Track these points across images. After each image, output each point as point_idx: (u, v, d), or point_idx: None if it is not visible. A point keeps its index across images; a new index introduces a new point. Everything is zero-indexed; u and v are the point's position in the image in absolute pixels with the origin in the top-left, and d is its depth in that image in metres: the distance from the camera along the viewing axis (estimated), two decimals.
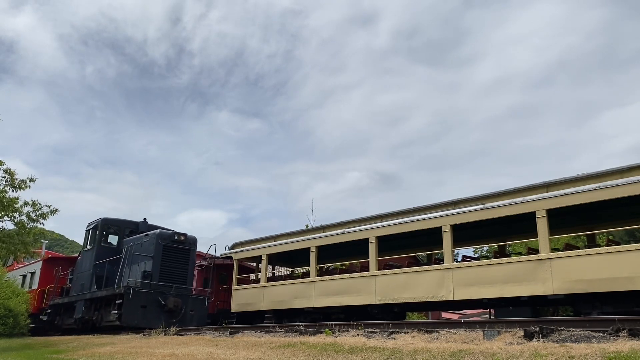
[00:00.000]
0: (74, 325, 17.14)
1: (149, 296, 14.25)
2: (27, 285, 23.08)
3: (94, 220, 17.98)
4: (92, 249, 17.37)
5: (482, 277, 11.68)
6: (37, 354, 11.79)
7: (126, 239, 16.93)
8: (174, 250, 15.32)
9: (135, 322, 13.85)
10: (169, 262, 15.11)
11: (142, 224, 17.76)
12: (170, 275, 14.99)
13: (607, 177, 11.10)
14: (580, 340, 4.26)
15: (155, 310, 14.20)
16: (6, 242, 17.21)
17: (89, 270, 17.00)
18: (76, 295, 17.39)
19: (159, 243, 15.06)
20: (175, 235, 15.44)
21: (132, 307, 13.88)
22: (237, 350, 6.76)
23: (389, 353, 4.89)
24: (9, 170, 16.53)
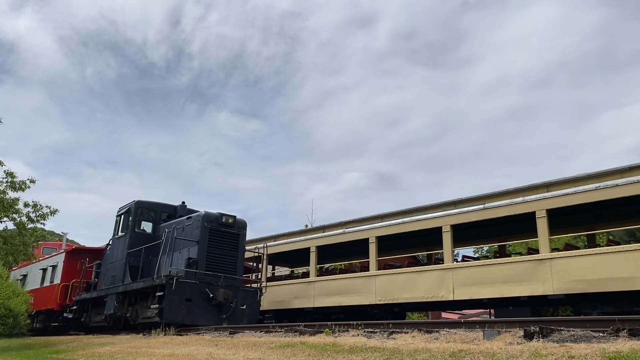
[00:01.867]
0: (104, 322, 15.25)
1: (194, 287, 12.09)
2: (47, 279, 21.14)
3: (126, 203, 15.81)
4: (124, 236, 15.22)
5: (482, 277, 11.69)
6: (37, 354, 11.79)
7: (163, 225, 14.84)
8: (221, 234, 13.08)
9: (179, 318, 11.79)
10: (217, 248, 12.90)
11: (180, 207, 15.61)
12: (217, 263, 12.78)
13: (607, 177, 11.13)
14: (580, 340, 4.26)
15: (202, 304, 12.15)
16: (7, 243, 17.23)
17: (121, 259, 14.88)
18: (106, 289, 15.21)
19: (204, 226, 12.84)
20: (223, 217, 13.13)
21: (175, 300, 11.74)
22: (237, 350, 6.76)
23: (389, 353, 4.89)
24: (9, 172, 16.56)
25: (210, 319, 11.99)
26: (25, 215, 17.10)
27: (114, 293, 14.32)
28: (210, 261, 12.67)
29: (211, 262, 12.67)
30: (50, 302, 19.40)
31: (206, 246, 12.72)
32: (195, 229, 12.91)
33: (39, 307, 20.63)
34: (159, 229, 14.85)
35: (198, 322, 11.89)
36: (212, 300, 12.14)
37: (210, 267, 12.58)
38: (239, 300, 12.69)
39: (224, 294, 12.29)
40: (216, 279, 12.46)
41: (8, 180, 16.51)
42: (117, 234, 15.94)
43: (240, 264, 13.22)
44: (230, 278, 12.82)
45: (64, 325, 18.95)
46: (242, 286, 13.22)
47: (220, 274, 12.60)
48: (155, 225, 15.16)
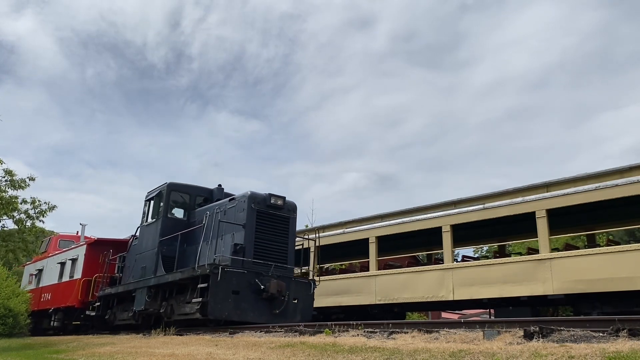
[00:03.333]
0: (132, 320, 13.59)
1: (242, 278, 10.46)
2: (66, 274, 19.26)
3: (156, 187, 14.08)
4: (155, 222, 13.49)
5: (482, 277, 11.69)
6: (37, 354, 11.79)
7: (199, 210, 13.25)
8: (270, 217, 11.41)
9: (226, 313, 10.20)
10: (265, 233, 11.24)
11: (216, 190, 13.91)
12: (266, 250, 11.14)
13: (607, 177, 11.12)
14: (580, 340, 4.26)
15: (251, 297, 10.53)
16: (6, 240, 17.28)
17: (152, 249, 13.18)
18: (135, 282, 13.49)
19: (251, 208, 11.12)
20: (272, 198, 11.44)
21: (221, 293, 10.15)
22: (237, 350, 6.76)
23: (389, 353, 4.89)
24: (9, 170, 16.60)
25: (261, 315, 10.52)
26: (24, 213, 17.15)
27: (145, 287, 12.64)
28: (259, 248, 11.01)
29: (260, 249, 11.00)
30: (70, 298, 17.77)
31: (254, 231, 11.00)
32: (240, 212, 11.21)
33: (57, 305, 19.05)
34: (194, 215, 13.22)
35: (247, 318, 10.37)
36: (262, 293, 10.53)
37: (259, 254, 10.96)
38: (291, 294, 11.08)
39: (277, 285, 10.60)
40: (266, 268, 10.84)
41: (7, 178, 16.55)
42: (146, 221, 14.21)
43: (291, 251, 11.50)
44: (281, 267, 11.15)
45: (86, 323, 17.31)
46: (295, 277, 11.61)
47: (271, 263, 10.98)
48: (190, 211, 13.48)
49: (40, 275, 22.22)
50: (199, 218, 12.61)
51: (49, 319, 19.59)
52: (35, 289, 22.13)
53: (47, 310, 19.74)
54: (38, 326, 21.33)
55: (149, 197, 14.24)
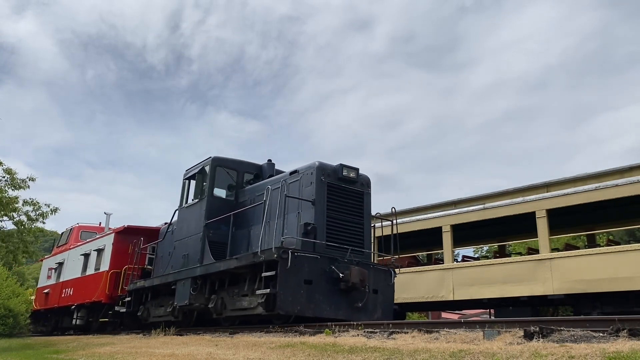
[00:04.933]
0: (171, 316, 11.84)
1: (315, 264, 8.62)
2: (91, 266, 17.32)
3: (197, 163, 12.17)
4: (198, 203, 11.57)
5: (482, 277, 11.70)
6: (36, 354, 11.80)
7: (249, 188, 11.44)
8: (342, 192, 9.58)
9: (298, 308, 8.34)
10: (338, 210, 9.39)
11: (266, 166, 12.07)
12: (340, 231, 9.32)
13: (607, 177, 11.13)
14: (580, 340, 4.26)
15: (326, 288, 8.74)
16: (6, 241, 17.30)
17: (196, 234, 11.34)
18: (175, 273, 11.63)
19: (321, 181, 9.31)
20: (344, 170, 9.61)
21: (292, 282, 8.33)
22: (237, 350, 6.76)
23: (389, 353, 4.89)
24: (9, 170, 16.61)
25: (338, 309, 8.74)
26: (24, 214, 17.18)
27: (189, 278, 10.81)
28: (332, 228, 9.21)
29: (333, 230, 9.21)
30: (96, 293, 15.95)
31: (325, 208, 9.21)
32: (308, 186, 9.42)
33: (80, 300, 17.12)
34: (243, 193, 11.47)
35: (322, 313, 8.50)
36: (339, 283, 8.76)
37: (332, 236, 9.14)
38: (370, 284, 9.22)
39: (360, 273, 8.78)
40: (341, 253, 9.08)
41: (7, 178, 16.57)
42: (185, 203, 12.33)
43: (367, 233, 9.76)
44: (358, 252, 9.38)
45: (114, 320, 15.51)
46: (373, 264, 9.84)
47: (347, 247, 9.18)
48: (238, 189, 11.69)
49: (60, 269, 20.35)
50: (250, 197, 11.00)
51: (71, 316, 17.88)
52: (55, 284, 20.35)
53: (69, 307, 17.91)
54: (59, 324, 19.85)
55: (188, 175, 12.34)
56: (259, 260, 8.75)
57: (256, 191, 10.87)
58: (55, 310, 19.66)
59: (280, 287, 8.26)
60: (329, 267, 8.76)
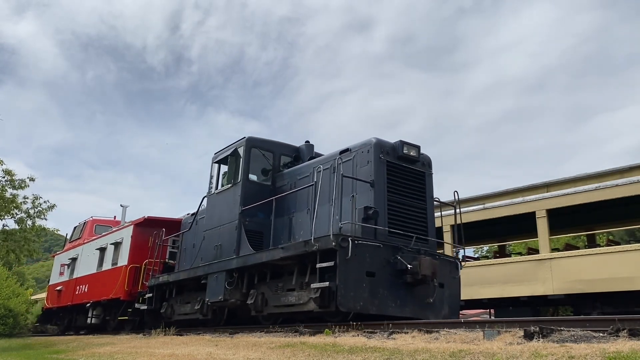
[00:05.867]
0: (199, 314, 10.80)
1: (377, 254, 7.53)
2: (107, 261, 16.29)
3: (229, 145, 11.05)
4: (232, 188, 10.45)
5: (482, 277, 11.70)
6: (37, 354, 11.80)
7: (288, 171, 10.39)
8: (403, 172, 8.46)
9: (360, 304, 7.23)
10: (399, 193, 8.30)
11: (305, 148, 11.01)
12: (402, 217, 8.21)
13: (607, 177, 11.15)
14: (580, 340, 4.26)
15: (389, 281, 7.61)
16: (7, 239, 17.33)
17: (230, 222, 10.20)
18: (206, 265, 10.49)
19: (379, 159, 8.19)
20: (404, 147, 8.51)
21: (353, 275, 7.23)
22: (237, 350, 6.76)
23: (389, 353, 4.89)
24: (8, 171, 16.66)
25: (404, 306, 7.66)
26: (24, 212, 17.22)
27: (223, 270, 9.72)
28: (394, 213, 8.11)
29: (395, 215, 8.11)
30: (113, 289, 14.98)
31: (385, 190, 8.09)
32: (363, 165, 8.31)
33: (96, 297, 16.14)
34: (282, 178, 10.38)
35: (387, 310, 7.47)
36: (405, 276, 7.64)
37: (394, 222, 8.05)
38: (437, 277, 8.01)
39: (431, 265, 7.68)
40: (404, 241, 7.97)
41: (7, 178, 16.63)
42: (215, 189, 11.21)
43: (430, 219, 8.67)
44: (422, 240, 8.28)
45: (133, 319, 14.43)
46: (439, 254, 8.83)
47: (411, 234, 8.09)
48: (275, 173, 10.60)
49: (74, 265, 19.27)
50: (290, 181, 10.02)
51: (86, 314, 16.83)
52: (69, 280, 19.23)
53: (84, 305, 16.88)
54: (72, 323, 18.94)
55: (219, 158, 11.19)
56: (311, 250, 7.61)
57: (298, 174, 9.86)
58: (68, 308, 18.68)
59: (340, 280, 7.11)
60: (393, 257, 7.64)
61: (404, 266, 7.59)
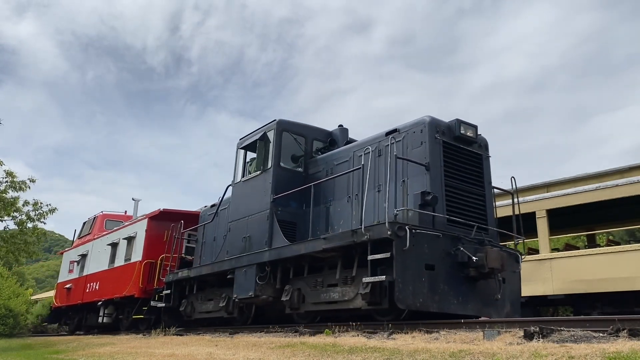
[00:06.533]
0: (223, 312, 10.19)
1: (436, 245, 6.79)
2: (120, 257, 15.56)
3: (256, 129, 10.32)
4: (261, 176, 9.70)
5: None
6: (36, 354, 11.81)
7: (323, 157, 9.67)
8: (460, 154, 7.73)
9: (420, 300, 6.43)
10: (456, 177, 7.56)
11: (339, 132, 10.31)
12: (461, 204, 7.49)
13: (607, 177, 11.15)
14: (580, 340, 4.26)
15: (449, 275, 6.85)
16: (8, 241, 17.36)
17: (261, 211, 9.44)
18: (233, 259, 9.75)
19: (434, 139, 7.44)
20: (461, 127, 7.73)
21: (412, 268, 6.47)
22: (237, 350, 6.77)
23: (389, 353, 4.89)
24: (9, 172, 16.69)
25: (466, 302, 6.90)
26: (25, 214, 17.25)
27: (254, 264, 9.00)
28: (452, 199, 7.40)
29: (453, 202, 7.40)
30: (126, 286, 14.32)
31: (442, 173, 7.36)
32: (416, 147, 7.52)
33: (108, 295, 15.38)
34: (315, 164, 9.66)
35: (448, 307, 6.70)
36: (468, 270, 6.88)
37: (453, 209, 7.33)
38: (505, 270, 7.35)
39: (499, 257, 6.96)
40: (465, 231, 7.25)
41: (8, 180, 16.66)
42: (241, 177, 10.47)
43: (489, 206, 7.93)
44: (482, 230, 7.53)
45: (149, 318, 13.52)
46: (501, 245, 7.89)
47: (473, 223, 7.35)
48: (307, 159, 9.86)
49: (84, 262, 18.57)
50: (325, 168, 9.31)
51: (97, 313, 16.18)
52: (78, 278, 18.58)
53: (95, 303, 16.21)
54: (82, 323, 18.32)
55: (245, 143, 10.43)
56: (360, 240, 6.87)
57: (335, 160, 9.17)
58: (78, 307, 17.96)
59: (397, 274, 6.33)
60: (454, 248, 6.93)
61: (466, 258, 6.80)
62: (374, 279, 6.56)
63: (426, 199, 6.95)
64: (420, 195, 6.99)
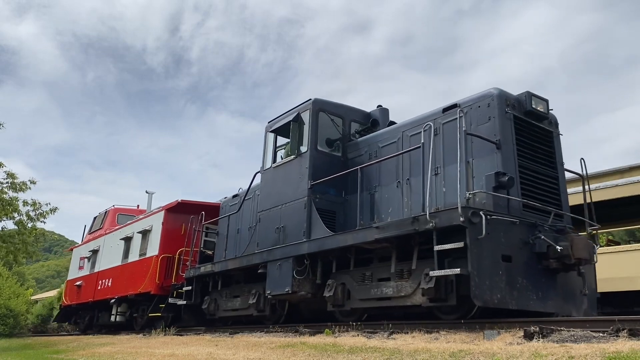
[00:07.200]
0: (253, 309, 9.44)
1: (513, 233, 6.02)
2: (134, 251, 14.81)
3: (288, 110, 9.58)
4: (296, 160, 8.91)
5: None
6: (37, 354, 11.81)
7: (365, 139, 8.86)
8: (533, 131, 6.96)
9: (497, 296, 5.60)
10: (528, 157, 6.76)
11: (380, 113, 9.54)
12: (535, 187, 6.71)
13: (607, 177, 11.13)
14: (580, 340, 4.26)
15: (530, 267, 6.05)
16: (6, 242, 17.36)
17: (296, 199, 8.63)
18: (264, 252, 9.01)
19: (505, 114, 6.63)
20: (532, 101, 6.95)
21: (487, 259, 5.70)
22: (237, 350, 6.77)
23: (389, 353, 4.89)
24: (10, 173, 16.69)
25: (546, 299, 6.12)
26: (25, 214, 17.24)
27: (290, 257, 8.27)
28: (527, 182, 6.61)
29: (528, 185, 6.61)
30: (142, 283, 13.54)
31: (515, 152, 6.58)
32: (483, 122, 6.70)
33: (121, 292, 14.62)
34: (356, 147, 8.89)
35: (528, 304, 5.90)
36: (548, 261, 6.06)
37: (528, 193, 6.55)
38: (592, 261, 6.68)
39: (587, 246, 6.24)
40: (541, 218, 6.45)
41: (9, 181, 16.66)
42: (273, 163, 9.66)
43: (563, 190, 7.14)
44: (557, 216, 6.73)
45: (166, 316, 12.56)
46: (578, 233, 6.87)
47: (550, 209, 6.60)
48: (345, 142, 9.10)
49: (95, 258, 17.80)
50: (369, 150, 8.53)
51: (110, 311, 15.45)
52: (89, 274, 17.80)
53: (108, 301, 15.36)
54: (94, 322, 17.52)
55: (276, 126, 9.65)
56: (423, 229, 6.08)
57: (380, 141, 8.37)
58: (89, 305, 17.18)
59: (472, 266, 5.54)
60: (532, 236, 6.13)
61: (545, 248, 6.02)
62: (445, 272, 5.76)
63: (501, 180, 6.17)
64: (494, 176, 6.20)
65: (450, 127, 6.98)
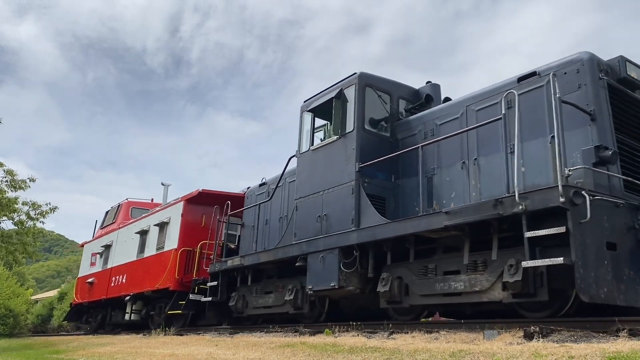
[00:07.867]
0: (289, 307, 8.65)
1: (616, 217, 5.21)
2: (151, 245, 13.93)
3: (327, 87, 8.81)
4: (340, 141, 8.11)
5: None
6: (37, 354, 11.82)
7: (418, 117, 8.08)
8: (628, 101, 6.19)
9: (604, 290, 4.81)
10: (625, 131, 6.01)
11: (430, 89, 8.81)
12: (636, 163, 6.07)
13: None
14: (580, 340, 4.26)
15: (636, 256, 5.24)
16: (5, 242, 17.38)
17: (342, 184, 7.83)
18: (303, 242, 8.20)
19: (597, 80, 5.86)
20: (627, 67, 6.20)
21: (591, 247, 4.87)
22: (237, 350, 6.77)
23: (389, 353, 4.89)
24: (9, 171, 16.70)
25: None
26: (25, 214, 17.26)
27: (335, 247, 7.46)
28: (627, 158, 5.92)
29: (628, 161, 5.92)
30: (159, 279, 12.64)
31: (611, 124, 5.79)
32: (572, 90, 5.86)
33: (136, 289, 13.78)
34: (407, 126, 8.13)
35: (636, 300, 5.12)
36: None
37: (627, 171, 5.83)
38: None
39: None
40: None
41: (8, 179, 16.67)
42: (311, 145, 8.88)
43: None
44: None
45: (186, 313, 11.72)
46: None
47: None
48: (393, 121, 8.31)
49: (108, 253, 16.88)
50: (423, 130, 7.76)
51: (124, 309, 14.58)
52: (102, 271, 16.89)
53: (122, 299, 14.50)
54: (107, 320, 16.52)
55: (314, 105, 8.87)
56: (510, 212, 5.26)
57: (437, 118, 7.55)
58: (102, 303, 16.25)
59: (577, 255, 4.74)
60: (638, 220, 5.30)
61: None
62: (542, 262, 4.93)
63: (602, 155, 5.31)
64: (594, 150, 5.33)
65: (529, 98, 6.19)
